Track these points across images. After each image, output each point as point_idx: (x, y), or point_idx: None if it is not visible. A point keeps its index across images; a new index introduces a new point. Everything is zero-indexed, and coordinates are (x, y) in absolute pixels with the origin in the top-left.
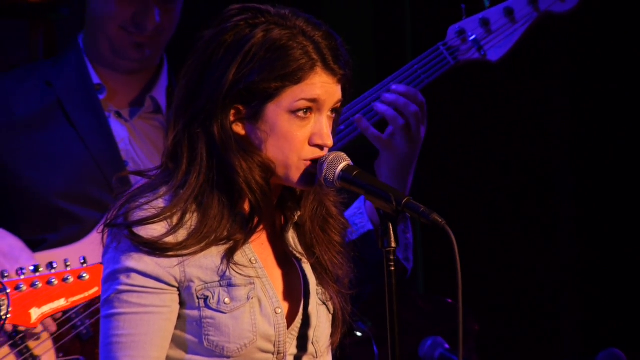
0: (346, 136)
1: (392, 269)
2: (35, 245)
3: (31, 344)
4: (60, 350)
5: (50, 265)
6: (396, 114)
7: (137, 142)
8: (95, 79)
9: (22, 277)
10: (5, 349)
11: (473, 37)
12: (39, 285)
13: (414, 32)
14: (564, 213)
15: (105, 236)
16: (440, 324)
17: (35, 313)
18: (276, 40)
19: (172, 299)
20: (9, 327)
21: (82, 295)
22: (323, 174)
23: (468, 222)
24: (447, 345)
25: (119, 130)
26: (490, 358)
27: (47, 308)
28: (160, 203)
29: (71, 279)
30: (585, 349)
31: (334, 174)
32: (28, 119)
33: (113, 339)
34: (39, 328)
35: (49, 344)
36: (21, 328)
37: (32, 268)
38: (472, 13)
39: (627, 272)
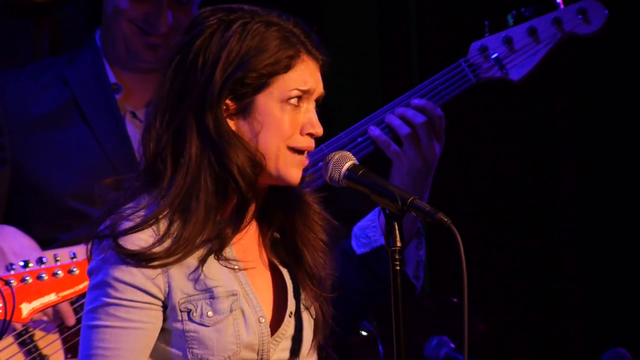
0: (364, 149)
1: (397, 268)
2: (48, 244)
3: (40, 343)
4: (69, 350)
5: (40, 261)
6: (401, 122)
7: None
8: (112, 78)
9: (12, 272)
10: (14, 347)
11: (495, 55)
12: (29, 280)
13: (419, 48)
14: (569, 213)
15: (91, 246)
16: (445, 323)
17: (26, 308)
18: (256, 32)
19: (157, 315)
20: (18, 325)
21: (72, 290)
22: (329, 173)
23: (473, 221)
24: (452, 345)
25: (134, 131)
26: (496, 358)
27: (37, 303)
28: (145, 210)
29: (61, 274)
30: (590, 348)
31: (340, 173)
32: (44, 117)
33: (97, 351)
34: (54, 321)
35: (58, 344)
36: (30, 329)
37: (21, 263)
38: (495, 30)
39: (632, 271)
